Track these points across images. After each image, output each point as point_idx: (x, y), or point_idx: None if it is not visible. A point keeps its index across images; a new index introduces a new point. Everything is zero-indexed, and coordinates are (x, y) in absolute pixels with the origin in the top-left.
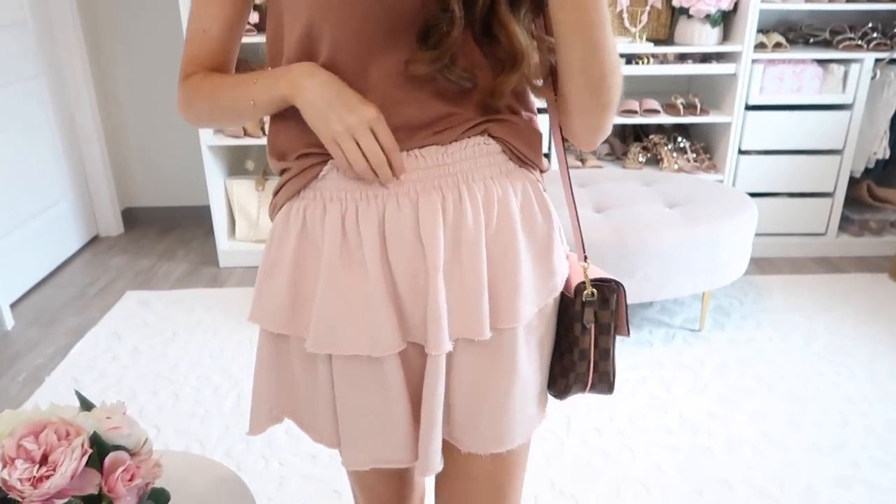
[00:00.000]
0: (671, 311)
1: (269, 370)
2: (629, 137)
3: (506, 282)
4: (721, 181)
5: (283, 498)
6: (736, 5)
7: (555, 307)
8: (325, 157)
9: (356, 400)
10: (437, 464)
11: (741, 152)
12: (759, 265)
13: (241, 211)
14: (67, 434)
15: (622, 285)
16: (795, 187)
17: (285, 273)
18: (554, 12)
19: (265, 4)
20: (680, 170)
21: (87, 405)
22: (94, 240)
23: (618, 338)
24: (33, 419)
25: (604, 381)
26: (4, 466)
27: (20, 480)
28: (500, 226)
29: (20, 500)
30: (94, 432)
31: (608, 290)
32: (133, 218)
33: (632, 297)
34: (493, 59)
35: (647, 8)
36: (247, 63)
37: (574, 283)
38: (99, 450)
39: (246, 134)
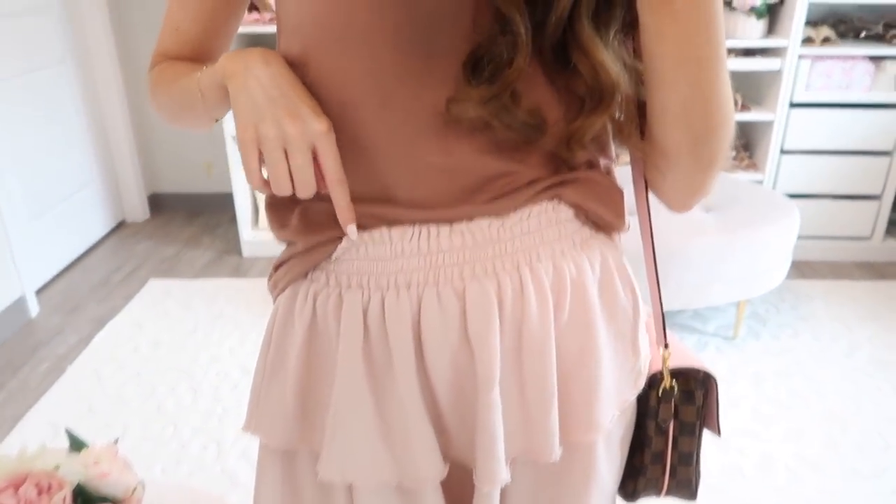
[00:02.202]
0: (704, 317)
1: (271, 496)
2: None
3: (582, 385)
4: (761, 181)
5: None
6: None
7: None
8: (341, 233)
9: None
10: None
11: (783, 152)
12: (799, 269)
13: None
14: (49, 487)
15: (713, 377)
16: (840, 189)
17: (291, 377)
18: (651, 45)
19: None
20: None
21: (77, 445)
22: (121, 225)
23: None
24: (15, 469)
25: (683, 488)
26: None
27: None
28: (573, 315)
29: None
30: (79, 483)
31: (694, 382)
32: (159, 203)
33: (664, 305)
34: (568, 96)
35: None
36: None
37: (651, 371)
38: (84, 501)
39: None
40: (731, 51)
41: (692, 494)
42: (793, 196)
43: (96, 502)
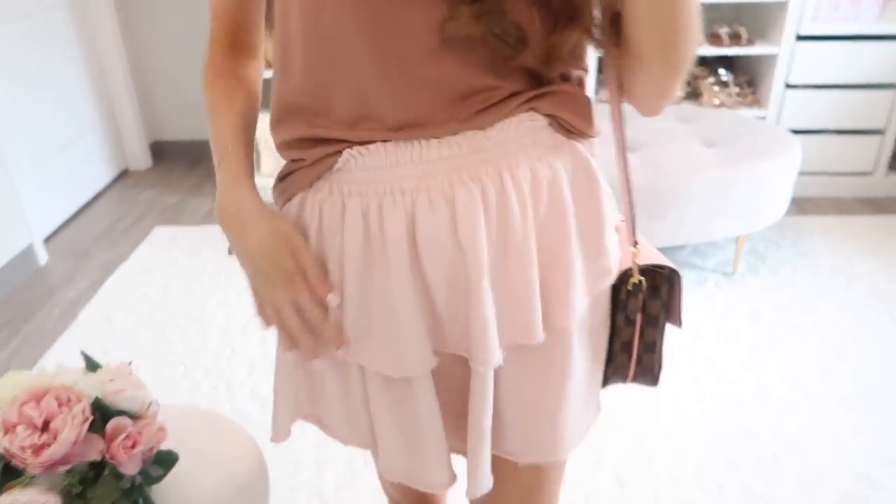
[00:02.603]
0: (704, 253)
1: (289, 372)
2: None
3: (559, 275)
4: (764, 117)
5: (305, 438)
6: None
7: (607, 293)
8: (344, 144)
9: (388, 414)
10: (488, 482)
11: (788, 86)
12: (800, 205)
13: (265, 145)
14: (69, 400)
15: (678, 273)
16: (844, 124)
17: (302, 250)
18: None
19: None
20: (721, 105)
21: (92, 366)
22: (124, 174)
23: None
24: (35, 384)
25: (647, 374)
26: (6, 433)
27: (21, 448)
28: (550, 212)
29: (23, 466)
30: (97, 398)
31: (660, 278)
32: (161, 151)
33: (663, 241)
34: (546, 14)
35: None
36: None
37: (622, 268)
38: (102, 415)
39: (269, 66)
40: None
41: (654, 381)
42: (796, 132)
43: (113, 415)
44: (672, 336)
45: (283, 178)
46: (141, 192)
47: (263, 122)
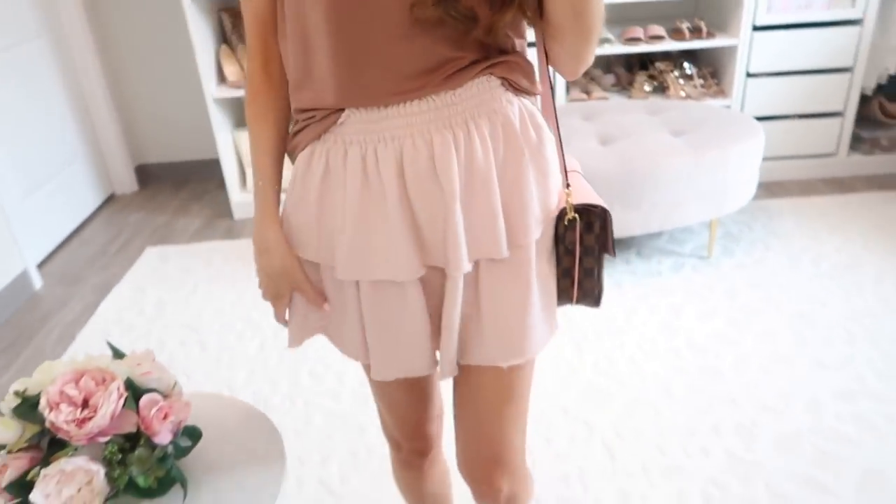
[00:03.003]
0: (680, 240)
1: (300, 299)
2: (635, 66)
3: (518, 202)
4: (729, 106)
5: (309, 433)
6: None
7: (552, 225)
8: (340, 107)
9: (382, 319)
10: (455, 369)
11: (749, 75)
12: (770, 189)
13: (250, 162)
14: (104, 380)
15: (608, 211)
16: (805, 108)
17: (312, 208)
18: None
19: None
20: (687, 97)
21: (118, 354)
22: (111, 198)
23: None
24: (72, 368)
25: (589, 297)
26: (51, 410)
27: (66, 422)
28: (507, 152)
29: (68, 439)
30: (128, 378)
31: (593, 216)
32: (147, 174)
33: (639, 228)
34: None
35: None
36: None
37: (560, 207)
38: (133, 393)
39: None
40: None
41: (596, 302)
42: (760, 118)
43: (143, 393)
44: (654, 317)
45: (296, 133)
46: (129, 214)
47: (246, 136)
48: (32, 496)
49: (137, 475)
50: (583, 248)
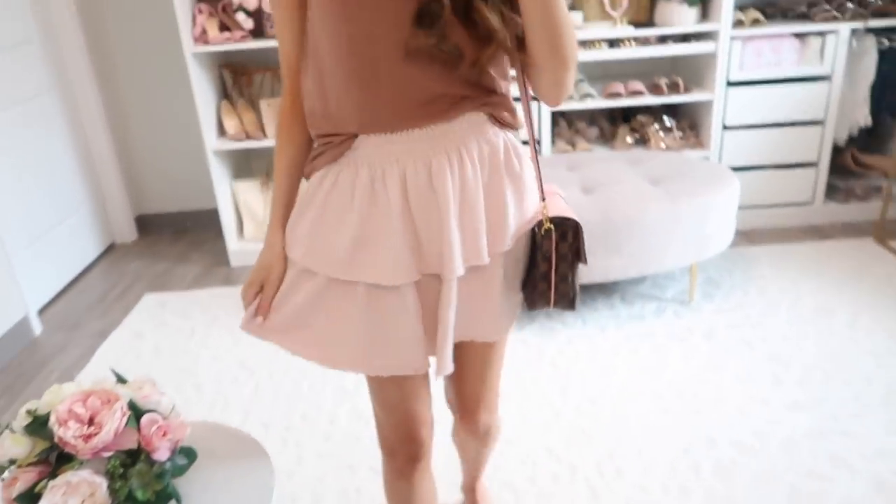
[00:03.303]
0: (662, 285)
1: (287, 298)
2: (618, 120)
3: (497, 218)
4: (707, 157)
5: (301, 473)
6: None
7: (528, 234)
8: (354, 133)
9: (382, 321)
10: (451, 366)
11: (725, 128)
12: (749, 236)
13: (248, 212)
14: (109, 400)
15: (580, 224)
16: (781, 159)
17: (323, 217)
18: None
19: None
20: (667, 148)
21: (121, 380)
22: (111, 247)
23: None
24: (79, 390)
25: (564, 300)
26: (60, 426)
27: (73, 437)
28: (490, 175)
29: (74, 453)
30: (131, 400)
31: (567, 227)
32: (146, 224)
33: (621, 273)
34: (475, 38)
35: None
36: (244, 68)
37: (538, 219)
38: (135, 413)
39: (248, 137)
40: (668, 37)
41: (571, 305)
42: (737, 169)
43: (144, 414)
44: (636, 359)
45: (314, 158)
46: (129, 263)
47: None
48: None
49: (137, 488)
50: (558, 255)
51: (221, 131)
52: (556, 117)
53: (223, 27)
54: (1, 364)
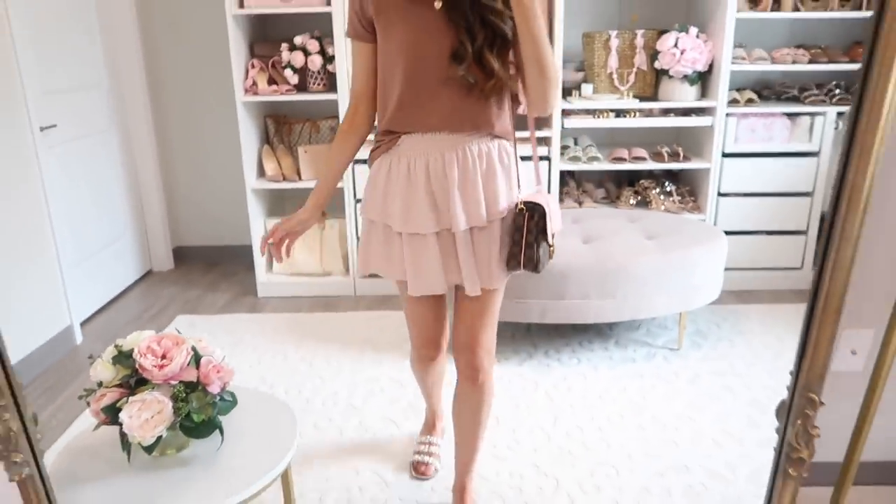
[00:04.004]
0: (655, 334)
1: (366, 242)
2: (623, 183)
3: (492, 195)
4: (704, 220)
5: (310, 474)
6: (711, 67)
7: (512, 214)
8: (401, 134)
9: (415, 257)
10: (478, 289)
11: (721, 194)
12: (740, 296)
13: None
14: (177, 343)
15: (543, 207)
16: (772, 226)
17: (380, 189)
18: (519, 29)
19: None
20: (667, 210)
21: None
22: (149, 273)
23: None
24: (156, 335)
25: (530, 263)
26: (141, 356)
27: (150, 365)
28: (487, 167)
29: (150, 378)
30: (193, 346)
31: (535, 208)
32: (182, 255)
33: (614, 315)
34: (483, 74)
35: (634, 70)
36: (286, 118)
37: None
38: (195, 357)
39: (284, 179)
40: (671, 110)
41: (535, 268)
42: (731, 232)
43: (202, 358)
44: (624, 395)
45: (375, 149)
46: (164, 288)
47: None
48: (121, 415)
49: (194, 411)
50: (527, 229)
51: (261, 173)
52: (566, 177)
53: (271, 80)
54: (44, 366)
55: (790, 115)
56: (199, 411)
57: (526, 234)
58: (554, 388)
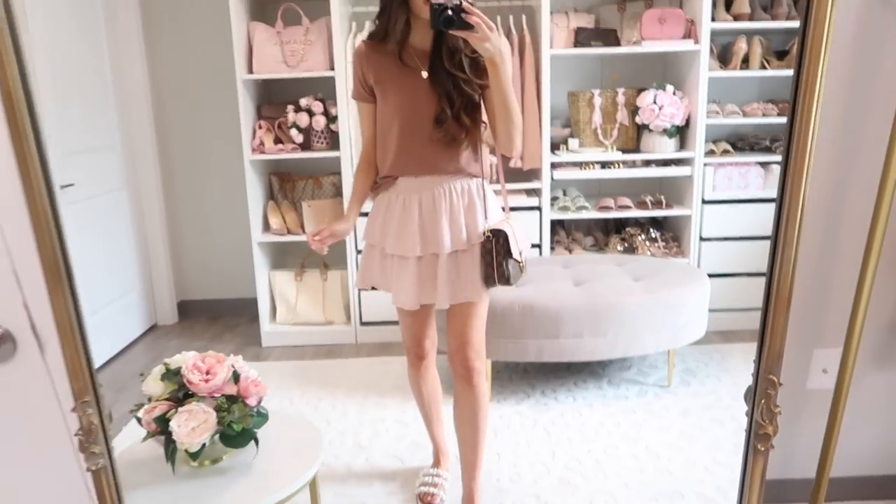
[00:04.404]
0: (645, 372)
1: (366, 263)
2: (610, 231)
3: (471, 224)
4: (688, 264)
5: None
6: (688, 121)
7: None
8: (398, 176)
9: (398, 275)
10: (447, 303)
11: (703, 239)
12: (725, 336)
13: (281, 298)
14: (219, 361)
15: (506, 232)
16: (753, 268)
17: (379, 220)
18: (492, 83)
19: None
20: (653, 256)
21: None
22: (153, 327)
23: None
24: (200, 355)
25: (503, 279)
26: (188, 371)
27: (197, 379)
28: (468, 201)
29: (196, 391)
30: (232, 364)
31: (499, 234)
32: (186, 309)
33: (604, 354)
34: (460, 130)
35: (617, 125)
36: (290, 175)
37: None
38: (234, 375)
39: (289, 232)
40: (651, 162)
41: (507, 282)
42: (714, 275)
43: (240, 375)
44: (618, 429)
45: (377, 187)
46: (169, 341)
47: (280, 276)
48: (171, 424)
49: (235, 420)
50: (496, 250)
51: (265, 227)
52: (556, 227)
53: (277, 140)
54: None
55: (763, 164)
56: (239, 421)
57: (495, 255)
58: (552, 424)
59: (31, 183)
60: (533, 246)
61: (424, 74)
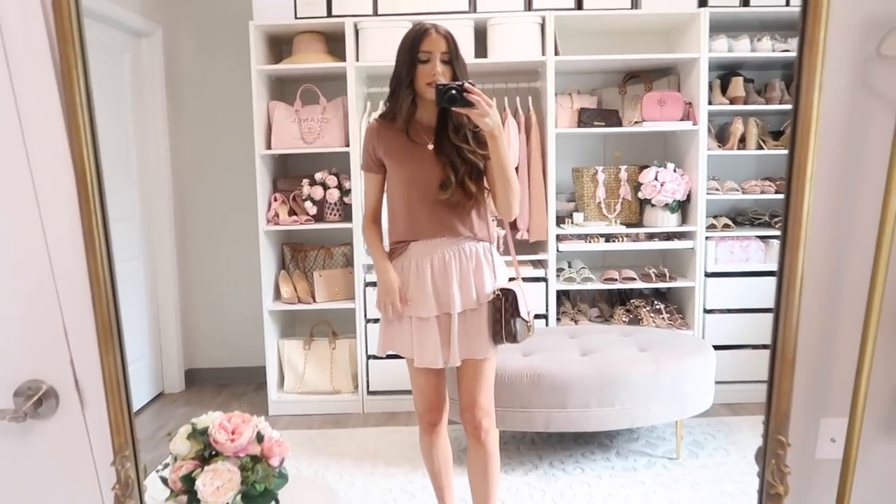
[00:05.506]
0: (653, 444)
1: (385, 328)
2: (615, 303)
3: (480, 284)
4: (693, 335)
5: None
6: (689, 196)
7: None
8: (410, 241)
9: (420, 336)
10: (458, 361)
11: (707, 311)
12: (733, 408)
13: (289, 366)
14: (245, 420)
15: (512, 292)
16: (757, 340)
17: (394, 283)
18: (491, 155)
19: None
20: (657, 327)
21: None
22: (160, 395)
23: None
24: (226, 415)
25: (510, 336)
26: (215, 431)
27: (224, 439)
28: (476, 263)
29: (222, 451)
30: (256, 425)
31: (508, 294)
32: (193, 377)
33: (612, 424)
34: (465, 195)
35: (620, 200)
36: (301, 245)
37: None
38: (258, 435)
39: (299, 301)
40: (654, 235)
41: (514, 340)
42: (720, 347)
43: (264, 436)
44: (628, 501)
45: (390, 253)
46: (176, 409)
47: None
48: (197, 483)
49: (258, 480)
50: (504, 309)
51: (276, 295)
52: (562, 297)
53: (291, 212)
54: None
55: (764, 238)
56: (262, 481)
57: (504, 312)
58: (560, 496)
59: (95, 248)
60: (539, 316)
61: (430, 146)
